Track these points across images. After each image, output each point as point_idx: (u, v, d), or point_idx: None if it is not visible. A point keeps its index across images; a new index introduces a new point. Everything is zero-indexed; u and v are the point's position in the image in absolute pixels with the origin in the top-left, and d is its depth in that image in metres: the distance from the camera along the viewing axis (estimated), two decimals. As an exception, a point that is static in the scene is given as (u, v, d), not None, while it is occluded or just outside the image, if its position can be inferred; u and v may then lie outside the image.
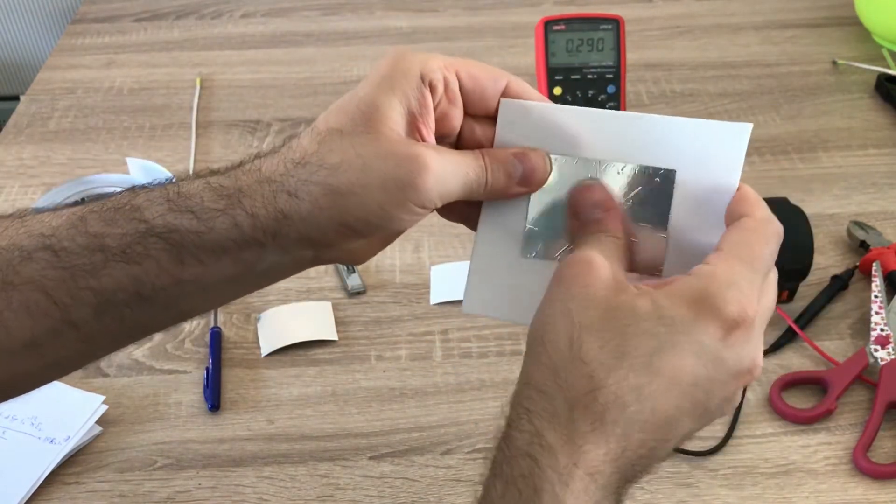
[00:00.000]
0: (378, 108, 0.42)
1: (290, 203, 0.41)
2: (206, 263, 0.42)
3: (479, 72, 0.45)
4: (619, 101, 0.87)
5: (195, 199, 0.42)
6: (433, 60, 0.43)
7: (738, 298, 0.39)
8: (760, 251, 0.41)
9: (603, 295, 0.39)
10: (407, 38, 1.18)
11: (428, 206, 0.42)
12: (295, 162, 0.42)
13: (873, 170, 0.92)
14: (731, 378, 0.39)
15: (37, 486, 0.61)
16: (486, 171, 0.43)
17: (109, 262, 0.41)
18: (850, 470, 0.62)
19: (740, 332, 0.39)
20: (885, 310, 0.71)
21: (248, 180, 0.42)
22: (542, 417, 0.38)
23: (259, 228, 0.41)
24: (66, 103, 1.06)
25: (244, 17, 1.25)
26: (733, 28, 1.19)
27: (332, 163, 0.41)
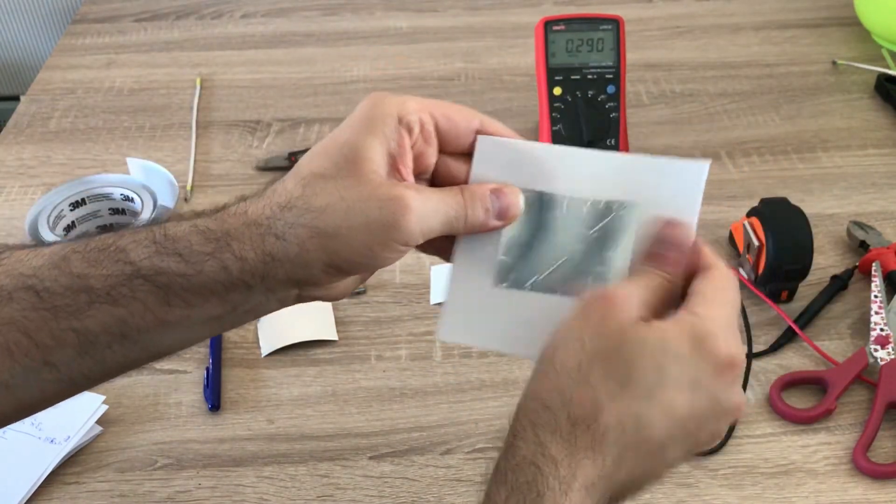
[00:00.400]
0: (359, 151, 0.43)
1: (278, 246, 0.42)
2: (193, 305, 0.43)
3: (453, 113, 0.47)
4: (619, 101, 0.87)
5: (183, 242, 0.42)
6: (409, 103, 0.45)
7: (732, 342, 0.42)
8: (736, 299, 0.44)
9: (617, 328, 0.41)
10: (407, 37, 1.19)
11: (411, 244, 0.43)
12: (281, 205, 0.42)
13: (873, 170, 0.92)
14: (722, 414, 0.42)
15: (37, 486, 0.61)
16: (465, 207, 0.45)
17: (94, 303, 0.41)
18: (849, 470, 0.62)
19: (732, 373, 0.42)
20: (885, 310, 0.71)
21: (235, 223, 0.43)
22: (546, 430, 0.40)
23: (247, 271, 0.42)
24: (66, 103, 1.06)
25: (244, 18, 1.25)
26: (733, 28, 1.20)
27: (318, 206, 0.42)
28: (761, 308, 0.75)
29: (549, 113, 0.87)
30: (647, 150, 0.95)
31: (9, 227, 0.86)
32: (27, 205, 0.89)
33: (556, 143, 0.86)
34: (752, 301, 0.75)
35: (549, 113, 0.87)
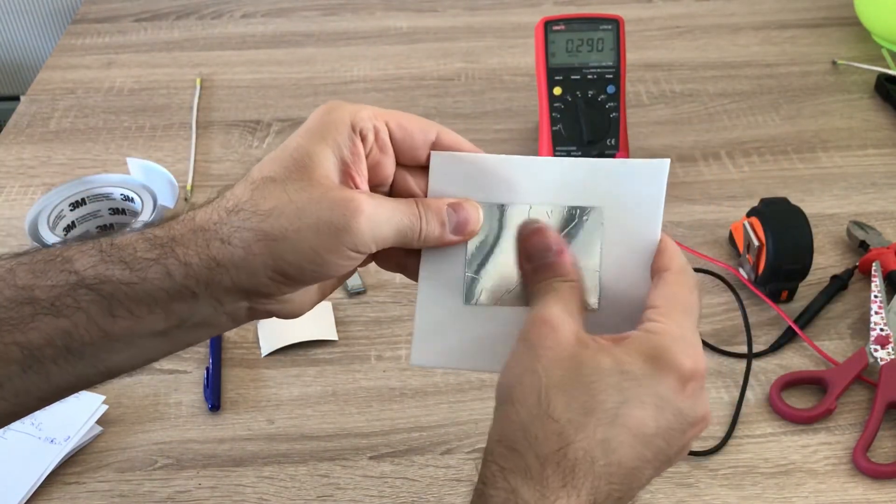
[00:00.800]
0: (311, 156, 0.42)
1: (223, 250, 0.41)
2: (138, 316, 0.41)
3: (408, 123, 0.46)
4: (619, 101, 0.87)
5: (128, 249, 0.41)
6: (363, 111, 0.44)
7: (691, 353, 0.41)
8: (693, 302, 0.43)
9: (568, 354, 0.40)
10: (407, 37, 1.19)
11: (362, 251, 0.42)
12: (228, 210, 0.42)
13: (873, 170, 0.92)
14: (689, 427, 0.41)
15: (37, 486, 0.61)
16: (419, 218, 0.44)
17: (38, 314, 0.40)
18: (849, 470, 0.62)
19: (694, 384, 0.41)
20: (885, 310, 0.71)
21: (181, 229, 0.42)
22: (516, 475, 0.39)
23: (192, 277, 0.41)
24: (66, 103, 1.06)
25: (244, 18, 1.25)
26: (733, 28, 1.20)
27: (266, 209, 0.41)
28: (761, 308, 0.75)
29: (549, 113, 0.87)
30: (647, 150, 0.95)
31: (9, 227, 0.86)
32: (27, 205, 0.89)
33: (556, 143, 0.86)
34: (752, 301, 0.75)
35: (549, 113, 0.87)
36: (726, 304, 0.75)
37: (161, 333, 0.42)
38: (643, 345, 0.41)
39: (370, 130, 0.44)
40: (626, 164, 0.46)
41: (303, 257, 0.41)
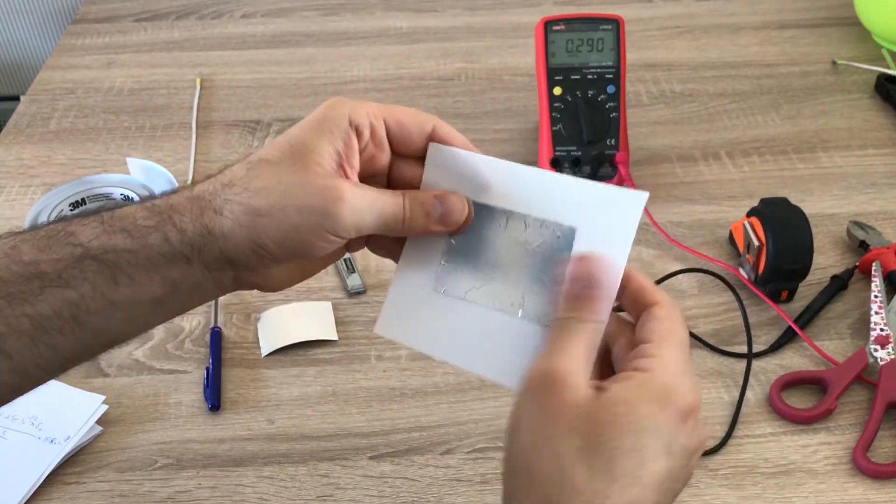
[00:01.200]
0: (306, 144, 0.45)
1: (215, 220, 0.43)
2: (139, 282, 0.43)
3: (405, 117, 0.48)
4: (619, 101, 0.87)
5: (129, 219, 0.44)
6: (361, 108, 0.46)
7: (690, 387, 0.42)
8: (685, 335, 0.44)
9: (584, 417, 0.40)
10: (407, 37, 1.19)
11: (342, 235, 0.44)
12: (224, 184, 0.44)
13: (873, 170, 0.92)
14: (691, 458, 0.42)
15: (37, 486, 0.61)
16: (403, 208, 0.46)
17: (46, 287, 0.42)
18: (849, 470, 0.62)
19: (694, 417, 0.41)
20: (885, 310, 0.71)
21: (179, 199, 0.44)
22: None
23: (186, 243, 0.43)
24: (66, 103, 1.06)
25: (244, 18, 1.25)
26: (733, 28, 1.20)
27: (256, 186, 0.44)
28: (761, 308, 0.75)
29: (548, 113, 0.87)
30: (647, 150, 0.95)
31: (9, 226, 0.86)
32: (27, 205, 0.89)
33: (556, 143, 0.86)
34: (752, 301, 0.75)
35: (548, 113, 0.87)
36: (726, 304, 0.75)
37: (158, 301, 0.44)
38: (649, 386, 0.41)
39: (366, 127, 0.46)
40: (606, 189, 0.46)
41: (284, 235, 0.43)
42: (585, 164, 0.86)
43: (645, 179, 0.90)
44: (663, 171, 0.92)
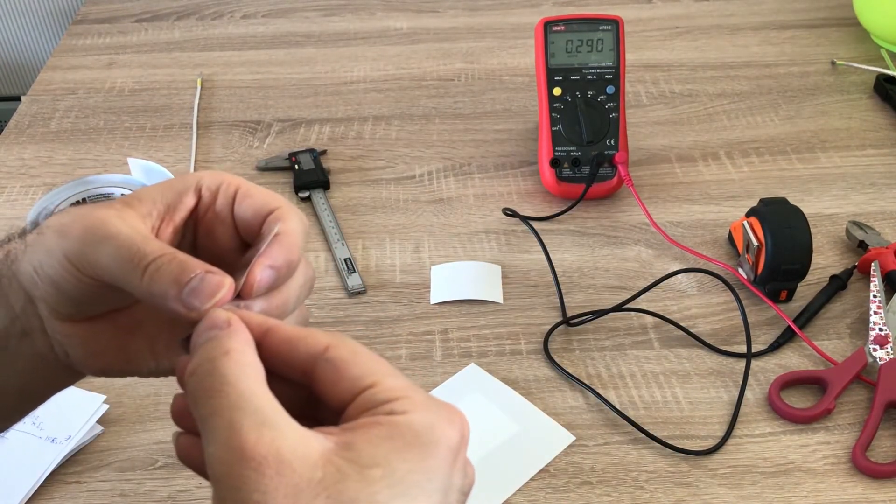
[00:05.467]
0: (138, 193, 0.39)
1: (18, 246, 0.39)
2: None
3: (252, 198, 0.40)
4: (619, 102, 0.87)
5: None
6: (220, 175, 0.41)
7: (451, 416, 0.34)
8: (383, 360, 0.36)
9: (325, 497, 0.29)
10: (407, 38, 1.19)
11: (84, 269, 0.36)
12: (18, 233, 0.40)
13: (872, 170, 0.92)
14: (463, 495, 0.34)
15: (38, 486, 0.61)
16: (147, 255, 0.36)
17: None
18: (848, 469, 0.62)
19: (464, 451, 0.34)
20: (884, 309, 0.71)
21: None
22: None
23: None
24: (67, 104, 1.06)
25: (245, 18, 1.25)
26: (732, 28, 1.20)
27: (66, 220, 0.38)
28: (760, 308, 0.75)
29: (548, 113, 0.87)
30: (646, 150, 0.95)
31: (10, 227, 0.86)
32: (28, 205, 0.89)
33: (556, 143, 0.86)
34: (751, 301, 0.75)
35: (548, 113, 0.87)
36: (725, 303, 0.76)
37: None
38: (407, 433, 0.32)
39: (210, 191, 0.40)
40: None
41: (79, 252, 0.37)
42: (585, 164, 0.86)
43: (644, 179, 0.90)
44: (663, 172, 0.92)
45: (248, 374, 0.32)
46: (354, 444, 0.31)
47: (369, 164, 0.94)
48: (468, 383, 0.69)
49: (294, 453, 0.29)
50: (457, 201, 0.89)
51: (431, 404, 0.33)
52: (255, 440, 0.29)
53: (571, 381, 0.69)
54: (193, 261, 0.36)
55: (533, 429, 0.65)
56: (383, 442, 0.31)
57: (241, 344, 0.33)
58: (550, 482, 0.62)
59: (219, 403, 0.31)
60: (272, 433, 0.30)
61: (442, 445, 0.32)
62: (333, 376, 0.34)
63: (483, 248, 0.82)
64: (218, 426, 0.30)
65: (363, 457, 0.30)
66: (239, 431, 0.30)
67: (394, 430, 0.32)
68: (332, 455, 0.30)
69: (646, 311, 0.74)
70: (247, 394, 0.31)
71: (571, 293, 0.77)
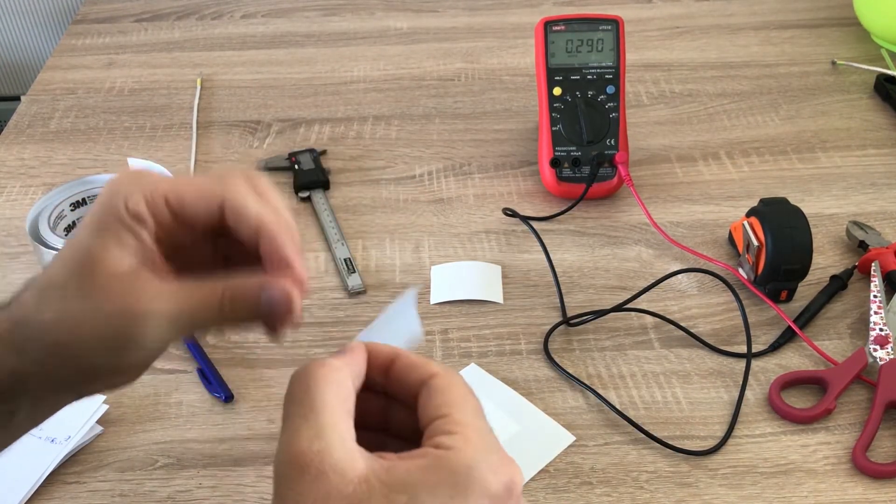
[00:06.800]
0: (90, 253, 0.39)
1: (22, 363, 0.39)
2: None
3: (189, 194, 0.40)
4: (619, 102, 0.87)
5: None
6: (138, 191, 0.39)
7: (500, 467, 0.33)
8: (477, 402, 0.37)
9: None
10: (407, 38, 1.19)
11: (157, 354, 0.40)
12: (17, 321, 0.40)
13: (872, 170, 0.92)
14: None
15: (37, 486, 0.61)
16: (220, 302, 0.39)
17: None
18: (849, 469, 0.62)
19: (513, 502, 0.34)
20: (884, 309, 0.71)
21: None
22: None
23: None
24: (66, 103, 1.06)
25: (244, 18, 1.25)
26: (732, 28, 1.20)
27: (48, 320, 0.39)
28: (761, 308, 0.75)
29: (548, 113, 0.87)
30: (646, 150, 0.95)
31: (9, 227, 0.86)
32: (28, 205, 0.89)
33: (556, 143, 0.86)
34: (751, 301, 0.75)
35: (548, 113, 0.87)
36: (726, 303, 0.76)
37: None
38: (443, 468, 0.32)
39: (146, 215, 0.39)
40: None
41: (97, 367, 0.39)
42: (585, 164, 0.86)
43: (644, 179, 0.90)
44: (663, 171, 0.92)
45: (329, 389, 0.35)
46: (395, 470, 0.33)
47: (369, 164, 0.94)
48: (468, 383, 0.68)
49: (334, 466, 0.32)
50: (457, 201, 0.89)
51: (483, 448, 0.34)
52: (307, 448, 0.33)
53: (571, 381, 0.69)
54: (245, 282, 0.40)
55: (533, 429, 0.65)
56: (419, 472, 0.32)
57: (339, 362, 0.37)
58: (550, 482, 0.62)
59: (294, 410, 0.34)
60: (321, 445, 0.33)
61: (476, 490, 0.32)
62: (425, 402, 0.36)
63: (483, 248, 0.82)
64: (287, 427, 0.34)
65: (396, 482, 0.32)
66: (298, 438, 0.33)
67: (433, 463, 0.33)
68: (370, 475, 0.32)
69: (646, 311, 0.74)
70: (318, 407, 0.34)
71: (571, 293, 0.77)
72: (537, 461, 0.63)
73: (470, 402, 0.36)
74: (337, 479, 0.32)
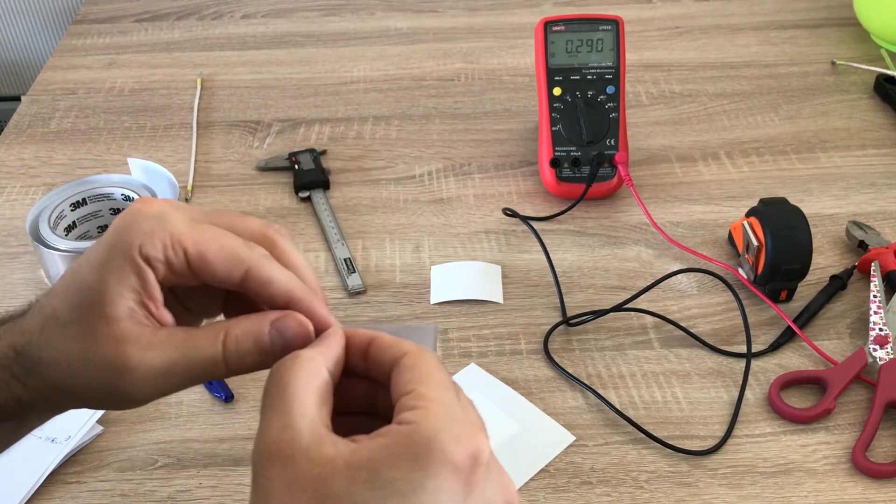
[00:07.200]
0: (92, 290, 0.38)
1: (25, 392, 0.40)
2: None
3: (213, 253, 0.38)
4: (619, 102, 0.87)
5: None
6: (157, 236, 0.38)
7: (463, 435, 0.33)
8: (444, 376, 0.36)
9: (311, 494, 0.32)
10: (407, 38, 1.19)
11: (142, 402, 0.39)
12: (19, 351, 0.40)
13: (872, 170, 0.92)
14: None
15: (38, 486, 0.61)
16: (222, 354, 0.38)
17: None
18: (848, 469, 0.62)
19: (480, 471, 0.34)
20: (884, 309, 0.71)
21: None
22: None
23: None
24: (67, 104, 1.06)
25: (244, 18, 1.25)
26: (732, 28, 1.20)
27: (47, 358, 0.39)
28: (760, 308, 0.75)
29: (548, 113, 0.87)
30: (646, 150, 0.95)
31: (10, 227, 0.86)
32: (28, 205, 0.89)
33: (556, 143, 0.87)
34: (751, 301, 0.75)
35: (548, 113, 0.87)
36: (725, 303, 0.76)
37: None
38: (403, 443, 0.33)
39: (159, 262, 0.38)
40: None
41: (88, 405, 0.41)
42: (585, 164, 0.86)
43: (644, 179, 0.90)
44: (663, 172, 0.92)
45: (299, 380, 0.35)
46: (359, 450, 0.33)
47: (369, 164, 0.94)
48: (468, 383, 0.68)
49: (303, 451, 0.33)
50: (457, 201, 0.89)
51: (445, 419, 0.34)
52: (277, 437, 0.34)
53: (571, 381, 0.69)
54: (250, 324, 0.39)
55: (533, 429, 0.65)
56: (381, 449, 0.33)
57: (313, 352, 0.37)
58: (550, 482, 0.62)
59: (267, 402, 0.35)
60: (291, 433, 0.33)
61: (435, 461, 0.32)
62: (395, 379, 0.36)
63: (483, 248, 0.82)
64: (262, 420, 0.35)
65: (358, 461, 0.33)
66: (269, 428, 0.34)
67: (394, 439, 0.33)
68: (336, 457, 0.33)
69: (646, 311, 0.74)
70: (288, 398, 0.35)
71: (571, 293, 0.77)
72: (537, 461, 0.63)
73: (436, 377, 0.36)
74: (304, 463, 0.33)
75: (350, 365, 0.39)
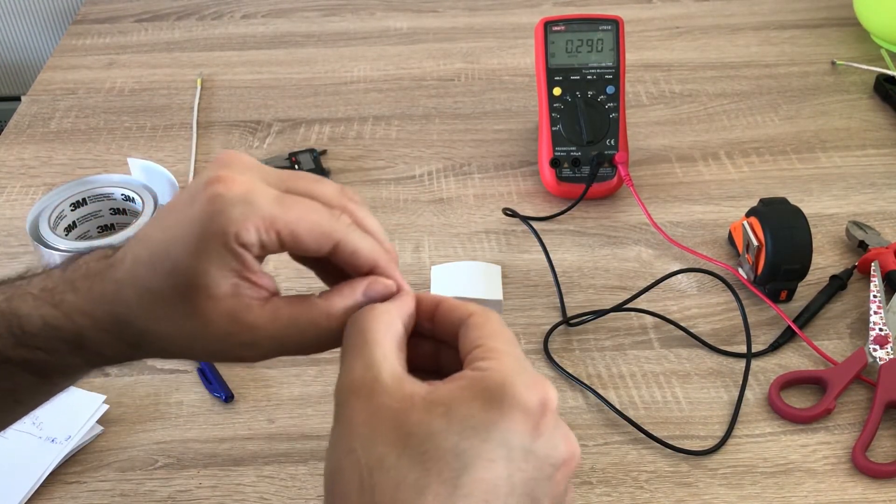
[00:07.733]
0: (196, 276, 0.38)
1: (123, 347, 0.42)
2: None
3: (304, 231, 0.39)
4: (619, 102, 0.87)
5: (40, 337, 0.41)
6: (250, 222, 0.38)
7: (535, 385, 0.36)
8: (510, 334, 0.39)
9: (390, 421, 0.35)
10: (407, 38, 1.19)
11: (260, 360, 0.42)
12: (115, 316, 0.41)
13: (872, 170, 0.92)
14: (554, 471, 0.36)
15: (38, 486, 0.61)
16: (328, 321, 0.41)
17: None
18: (848, 469, 0.62)
19: (547, 420, 0.36)
20: (884, 309, 0.71)
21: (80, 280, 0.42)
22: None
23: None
24: (67, 104, 1.06)
25: (245, 18, 1.25)
26: (732, 28, 1.20)
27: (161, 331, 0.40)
28: (760, 308, 0.75)
29: (548, 113, 0.87)
30: (646, 150, 0.95)
31: (10, 227, 0.86)
32: (28, 205, 0.89)
33: (556, 143, 0.87)
34: (751, 301, 0.75)
35: (548, 113, 0.87)
36: (725, 303, 0.76)
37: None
38: (478, 385, 0.35)
39: (255, 245, 0.39)
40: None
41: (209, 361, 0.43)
42: (585, 164, 0.86)
43: (644, 179, 0.90)
44: (663, 172, 0.92)
45: (379, 327, 0.38)
46: (436, 391, 0.36)
47: (369, 164, 0.94)
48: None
49: (384, 388, 0.36)
50: (457, 201, 0.89)
51: (516, 368, 0.36)
52: (361, 376, 0.37)
53: (571, 381, 0.69)
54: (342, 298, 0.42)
55: (533, 429, 0.65)
56: (457, 390, 0.35)
57: (388, 304, 0.40)
58: (550, 482, 0.62)
59: (348, 349, 0.39)
60: (374, 373, 0.36)
61: (508, 402, 0.35)
62: (464, 337, 0.39)
63: (483, 248, 0.82)
64: (343, 363, 0.38)
65: (436, 399, 0.35)
66: (352, 369, 0.37)
67: (469, 383, 0.36)
68: (415, 395, 0.36)
69: (646, 311, 0.74)
70: (370, 342, 0.38)
71: (571, 293, 0.77)
72: (537, 461, 0.63)
73: (503, 334, 0.39)
74: (386, 398, 0.35)
75: (417, 326, 0.41)
